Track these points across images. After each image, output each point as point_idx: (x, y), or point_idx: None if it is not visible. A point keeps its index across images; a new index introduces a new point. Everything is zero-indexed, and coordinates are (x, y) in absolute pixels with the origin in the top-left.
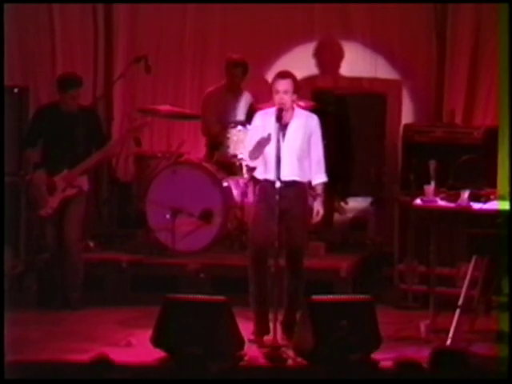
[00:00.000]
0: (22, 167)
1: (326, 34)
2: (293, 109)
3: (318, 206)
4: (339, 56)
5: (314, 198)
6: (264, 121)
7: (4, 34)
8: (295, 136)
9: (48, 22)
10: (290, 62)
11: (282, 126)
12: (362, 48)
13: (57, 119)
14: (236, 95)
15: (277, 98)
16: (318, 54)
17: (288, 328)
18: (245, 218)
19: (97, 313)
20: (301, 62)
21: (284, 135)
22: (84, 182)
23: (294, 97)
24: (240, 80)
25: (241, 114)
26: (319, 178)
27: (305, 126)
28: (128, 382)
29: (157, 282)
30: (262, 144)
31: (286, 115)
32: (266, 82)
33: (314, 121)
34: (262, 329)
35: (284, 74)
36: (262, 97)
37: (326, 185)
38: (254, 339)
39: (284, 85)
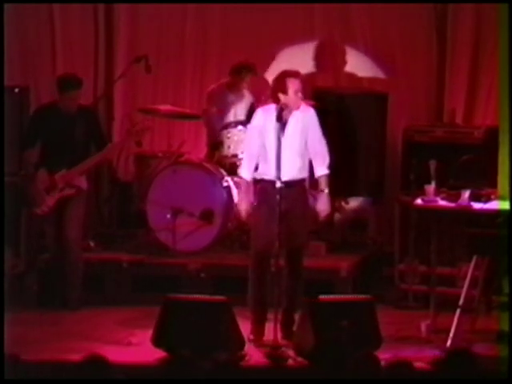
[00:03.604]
0: (22, 167)
1: (326, 34)
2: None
3: (321, 205)
4: (339, 56)
5: (315, 198)
6: (264, 117)
7: (4, 34)
8: (294, 132)
9: (48, 22)
10: (290, 62)
11: (282, 125)
12: (362, 47)
13: (56, 119)
14: (238, 94)
15: (290, 94)
16: (319, 54)
17: (286, 328)
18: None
19: (97, 313)
20: (301, 61)
21: (284, 133)
22: (83, 182)
23: (300, 96)
24: (245, 83)
25: (242, 114)
26: (321, 170)
27: (302, 120)
28: (128, 381)
29: (157, 281)
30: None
31: (285, 114)
32: (266, 81)
33: (309, 113)
34: (259, 329)
35: (296, 74)
36: (262, 96)
37: (330, 180)
38: (254, 339)
39: (297, 84)
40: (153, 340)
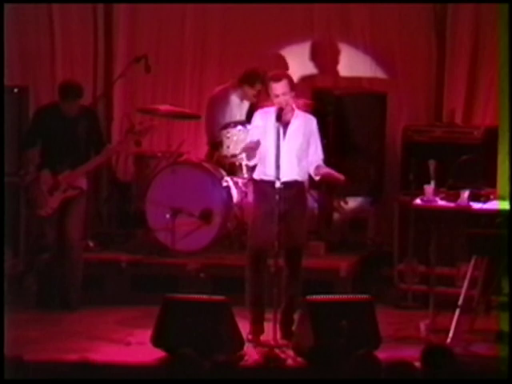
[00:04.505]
0: (22, 167)
1: (325, 34)
2: (293, 109)
3: (322, 169)
4: (339, 56)
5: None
6: (264, 120)
7: (4, 34)
8: (296, 135)
9: (48, 22)
10: (290, 62)
11: (283, 126)
12: (361, 47)
13: (57, 119)
14: (239, 95)
15: (276, 101)
16: (318, 54)
17: (286, 328)
18: (245, 218)
19: (97, 313)
20: (300, 61)
21: (285, 134)
22: (84, 183)
23: (293, 94)
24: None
25: (242, 114)
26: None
27: (305, 126)
28: (128, 381)
29: (157, 281)
30: (252, 147)
31: (286, 114)
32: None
33: (313, 123)
34: (257, 329)
35: (278, 77)
36: (262, 96)
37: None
38: (253, 339)
39: (281, 88)
40: (152, 340)
